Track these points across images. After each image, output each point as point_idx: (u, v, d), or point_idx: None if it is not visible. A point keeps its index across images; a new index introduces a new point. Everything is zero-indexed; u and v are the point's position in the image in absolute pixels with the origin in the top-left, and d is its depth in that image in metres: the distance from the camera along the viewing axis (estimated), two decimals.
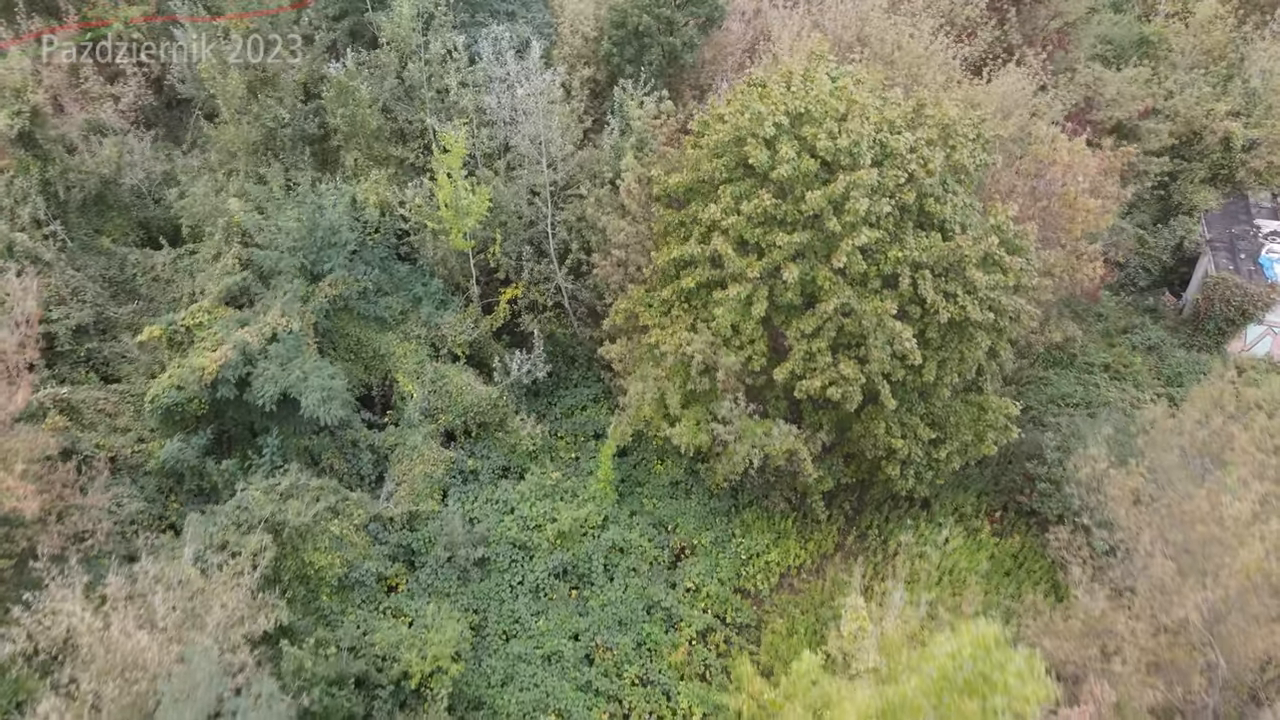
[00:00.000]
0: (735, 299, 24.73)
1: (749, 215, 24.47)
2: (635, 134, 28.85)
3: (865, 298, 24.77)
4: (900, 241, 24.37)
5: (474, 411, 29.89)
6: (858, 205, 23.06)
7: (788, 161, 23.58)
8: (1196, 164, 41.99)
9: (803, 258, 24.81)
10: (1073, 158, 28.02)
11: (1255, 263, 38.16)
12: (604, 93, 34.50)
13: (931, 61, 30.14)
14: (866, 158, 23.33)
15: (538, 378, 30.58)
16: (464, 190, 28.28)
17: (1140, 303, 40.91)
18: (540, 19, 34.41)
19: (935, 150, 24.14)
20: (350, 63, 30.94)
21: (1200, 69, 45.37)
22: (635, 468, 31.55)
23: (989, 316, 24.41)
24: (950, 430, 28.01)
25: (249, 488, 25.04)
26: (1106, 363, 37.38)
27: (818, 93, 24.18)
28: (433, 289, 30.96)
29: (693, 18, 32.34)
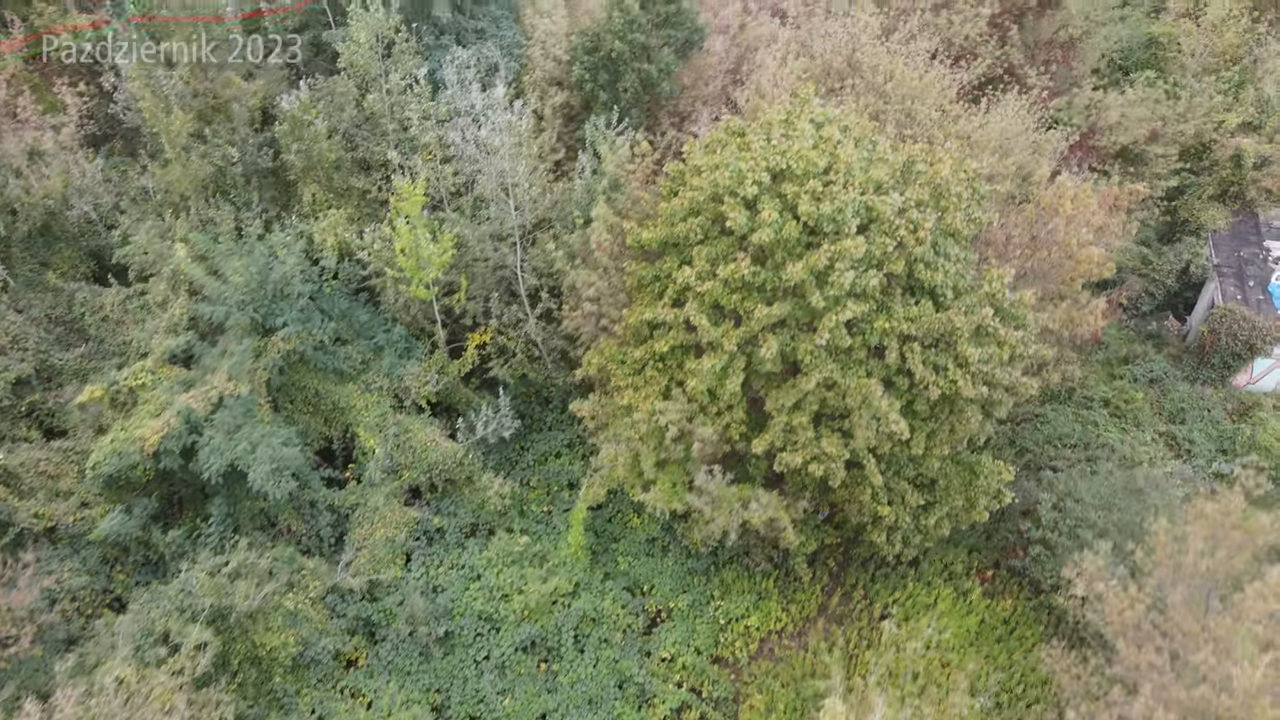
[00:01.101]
0: (709, 370, 23.06)
1: (726, 280, 22.71)
2: (607, 177, 26.90)
3: (850, 369, 23.11)
4: (888, 311, 22.65)
5: (439, 469, 28.36)
6: (842, 279, 21.31)
7: (769, 225, 21.77)
8: (1205, 178, 40.02)
9: (784, 327, 23.10)
10: (1076, 208, 26.15)
11: (1264, 291, 36.41)
12: (579, 117, 32.45)
13: (927, 94, 28.09)
14: (852, 225, 21.51)
15: (503, 437, 28.95)
16: (424, 239, 26.43)
17: (1143, 328, 39.21)
18: (510, 39, 32.23)
19: (926, 212, 22.31)
20: (305, 94, 28.87)
21: (1211, 73, 43.19)
22: (610, 521, 30.12)
23: (982, 391, 22.77)
24: (940, 494, 26.53)
25: (194, 568, 23.61)
26: (1107, 398, 35.83)
27: (799, 147, 22.26)
28: (395, 337, 29.24)
29: (670, 41, 30.19)
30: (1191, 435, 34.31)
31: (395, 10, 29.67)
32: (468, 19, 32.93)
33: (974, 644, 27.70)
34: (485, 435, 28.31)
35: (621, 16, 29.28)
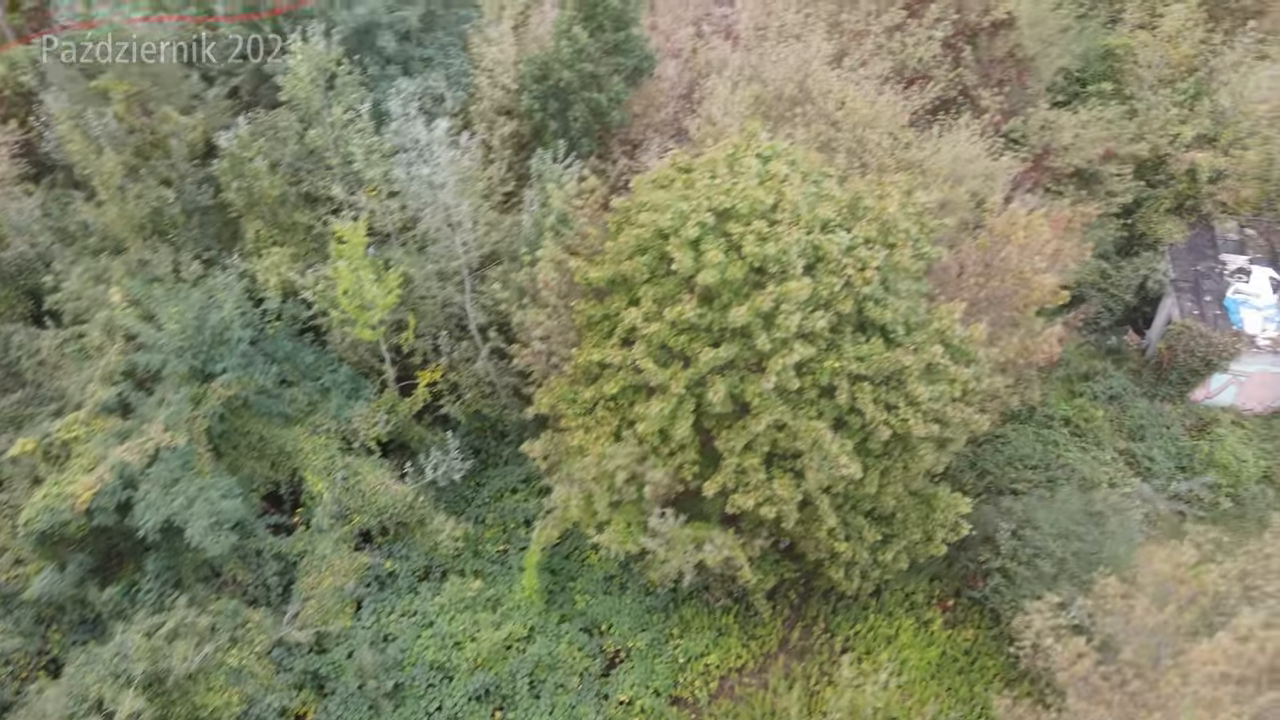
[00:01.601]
0: (658, 414, 22.59)
1: (673, 322, 22.26)
2: (555, 212, 26.36)
3: (802, 409, 22.72)
4: (838, 350, 22.28)
5: (389, 512, 27.71)
6: (789, 321, 20.90)
7: (714, 266, 21.32)
8: (1162, 191, 40.07)
9: (733, 368, 22.67)
10: (1028, 235, 25.92)
11: (1221, 305, 36.46)
12: (530, 145, 31.86)
13: (878, 121, 27.76)
14: (798, 265, 21.11)
15: (453, 480, 28.34)
16: (368, 281, 25.78)
17: (1103, 343, 39.16)
18: (457, 67, 31.59)
19: (874, 250, 21.96)
20: (244, 131, 28.11)
21: (1168, 85, 43.27)
22: (568, 559, 29.61)
23: (934, 429, 22.46)
24: (898, 528, 26.25)
25: (130, 629, 22.84)
26: (1067, 416, 35.72)
27: (743, 186, 21.83)
28: (342, 377, 28.55)
29: (619, 69, 29.69)
30: (1151, 453, 34.28)
31: (338, 42, 28.99)
32: (415, 47, 32.26)
33: (935, 676, 27.45)
34: (435, 479, 27.62)
35: (569, 45, 28.76)
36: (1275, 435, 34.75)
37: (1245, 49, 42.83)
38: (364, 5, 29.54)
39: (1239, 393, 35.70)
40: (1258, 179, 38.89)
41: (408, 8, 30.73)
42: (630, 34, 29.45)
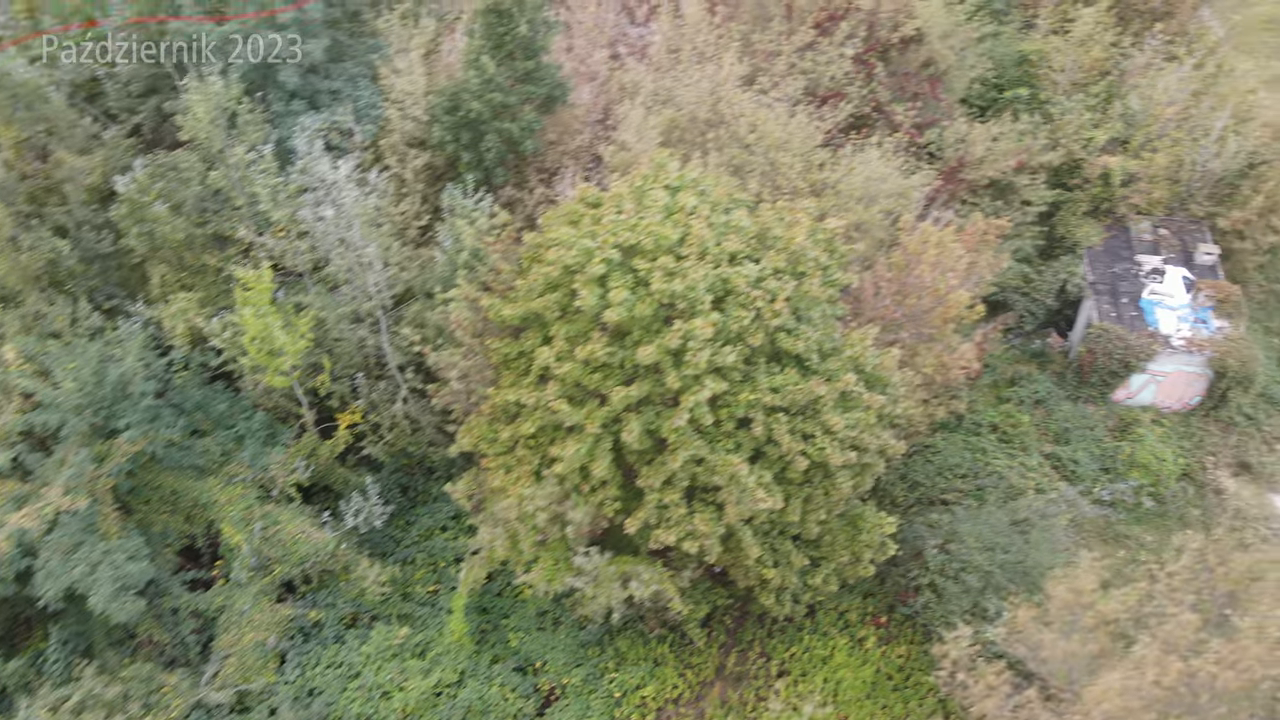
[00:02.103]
0: (574, 455, 22.30)
1: (585, 361, 21.98)
2: (467, 249, 25.92)
3: (719, 442, 22.59)
4: (753, 382, 22.19)
5: (312, 561, 27.01)
6: (698, 357, 20.75)
7: (620, 304, 21.09)
8: (1079, 194, 40.83)
9: (649, 404, 22.46)
10: (940, 252, 26.14)
11: (1137, 306, 37.24)
12: (446, 175, 31.34)
13: (791, 143, 27.79)
14: (705, 300, 20.97)
15: (375, 526, 27.72)
16: (277, 327, 25.07)
17: (1028, 347, 39.78)
18: (366, 99, 30.96)
19: (784, 281, 21.91)
20: (141, 174, 27.20)
21: (1081, 89, 44.14)
22: (500, 595, 29.16)
23: (851, 456, 22.48)
24: (826, 550, 26.28)
25: (33, 704, 21.89)
26: (995, 422, 36.16)
27: (648, 222, 21.65)
28: (257, 424, 27.77)
29: (531, 98, 29.32)
30: (1076, 456, 34.84)
31: (238, 79, 28.22)
32: (322, 80, 31.57)
33: (870, 696, 27.54)
34: (357, 525, 27.00)
35: (478, 76, 28.31)
36: (1193, 432, 35.57)
37: (1154, 51, 43.96)
38: (264, 40, 28.80)
39: (1158, 391, 36.48)
40: (1168, 180, 39.82)
41: (311, 41, 30.03)
42: (540, 63, 29.09)
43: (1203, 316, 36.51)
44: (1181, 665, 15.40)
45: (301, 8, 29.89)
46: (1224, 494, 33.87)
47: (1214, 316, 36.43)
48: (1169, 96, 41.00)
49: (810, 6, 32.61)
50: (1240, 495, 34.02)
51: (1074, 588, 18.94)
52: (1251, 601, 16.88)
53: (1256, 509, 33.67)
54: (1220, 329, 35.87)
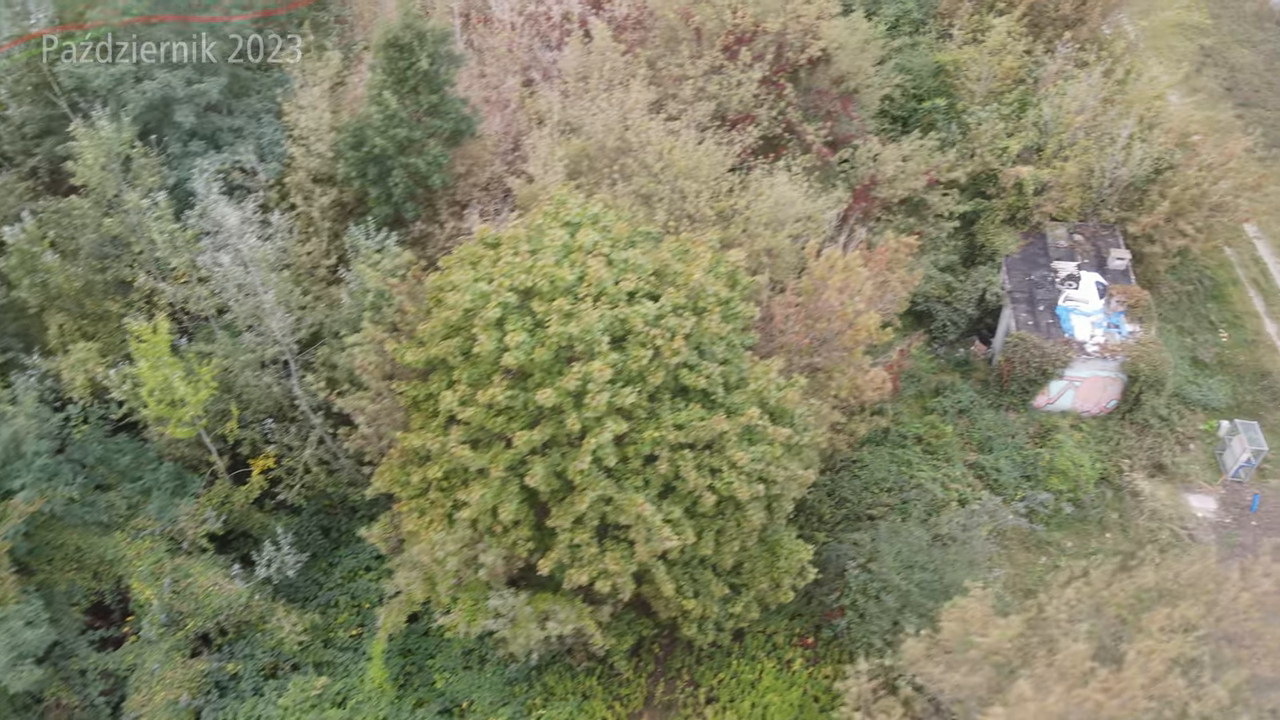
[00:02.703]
0: (480, 500, 22.07)
1: (488, 404, 21.76)
2: (372, 291, 25.54)
3: (628, 480, 22.51)
4: (657, 419, 22.14)
5: (226, 613, 26.42)
6: (597, 400, 20.65)
7: (518, 348, 20.93)
8: (997, 203, 41.51)
9: (555, 445, 22.30)
10: (846, 277, 26.35)
11: (1054, 314, 37.94)
12: (356, 211, 30.87)
13: (698, 171, 27.83)
14: (603, 342, 20.88)
15: (287, 575, 27.21)
16: (177, 378, 24.47)
17: (952, 356, 40.35)
18: (270, 136, 30.39)
19: (683, 317, 21.90)
20: (30, 223, 26.39)
21: (996, 98, 44.89)
22: (426, 636, 28.78)
23: (759, 489, 22.55)
24: (746, 578, 26.36)
25: None
26: (920, 434, 36.60)
27: (544, 264, 21.51)
28: (164, 476, 27.11)
29: (437, 132, 28.99)
30: (998, 464, 35.38)
31: (130, 121, 27.51)
32: (224, 117, 30.95)
33: (798, 719, 27.66)
34: (270, 574, 26.48)
35: (380, 112, 27.92)
36: (1110, 436, 36.32)
37: (1064, 58, 44.89)
38: (158, 80, 28.14)
39: (1076, 397, 37.22)
40: (1080, 187, 40.67)
41: (209, 79, 29.44)
42: (444, 97, 28.77)
43: (1116, 321, 37.33)
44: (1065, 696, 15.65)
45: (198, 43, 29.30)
46: (1140, 496, 34.65)
47: (1126, 321, 37.26)
48: (1078, 104, 41.93)
49: (718, 30, 32.69)
50: (1156, 496, 34.83)
51: (962, 617, 19.15)
52: (1140, 630, 17.18)
53: (1171, 509, 34.47)
54: (1132, 333, 36.70)
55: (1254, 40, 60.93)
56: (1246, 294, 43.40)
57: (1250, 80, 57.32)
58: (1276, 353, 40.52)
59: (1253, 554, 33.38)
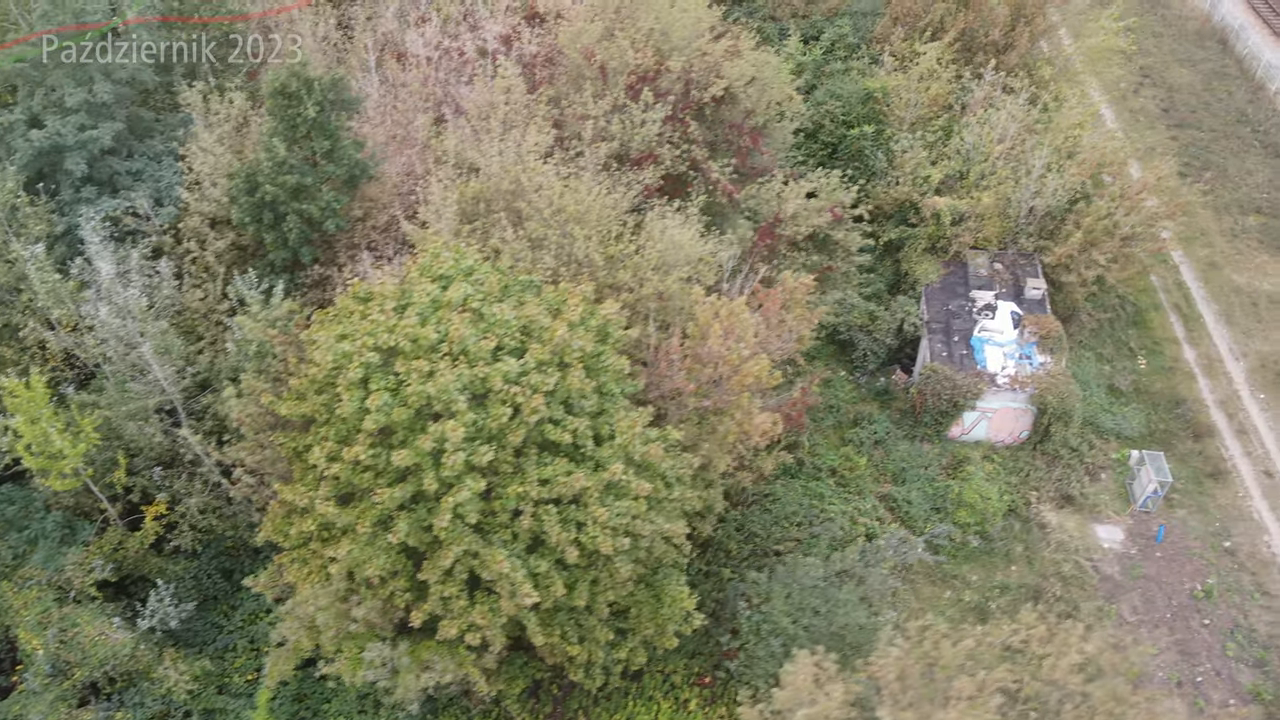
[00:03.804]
0: (347, 556, 22.17)
1: (351, 462, 21.86)
2: (254, 342, 25.61)
3: (496, 533, 22.65)
4: (523, 474, 22.28)
5: (113, 662, 26.43)
6: (454, 459, 20.78)
7: (379, 410, 21.04)
8: (920, 231, 41.78)
9: (423, 500, 22.40)
10: (730, 323, 26.53)
11: (968, 345, 38.22)
12: (254, 255, 30.93)
13: (587, 216, 27.96)
14: (460, 402, 21.00)
15: (171, 626, 27.23)
16: (55, 432, 24.49)
17: (873, 385, 40.59)
18: (168, 179, 30.43)
19: (547, 373, 22.04)
20: None
21: (924, 125, 45.18)
22: (322, 680, 28.78)
23: (624, 543, 22.69)
24: (633, 622, 26.49)
25: None
26: (834, 466, 36.82)
27: (407, 323, 21.64)
28: (50, 525, 27.13)
29: (331, 178, 29.07)
30: (910, 496, 35.63)
31: (17, 170, 27.54)
32: (124, 160, 30.97)
33: None
34: (154, 624, 26.52)
35: (269, 159, 27.99)
36: (1020, 467, 36.62)
37: (992, 84, 45.23)
38: (47, 128, 28.14)
39: (990, 427, 37.51)
40: (999, 216, 40.95)
41: (104, 124, 29.46)
42: (337, 143, 28.83)
43: (1028, 352, 37.63)
44: None
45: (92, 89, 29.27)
46: (1047, 528, 34.94)
47: (1038, 352, 37.57)
48: (999, 132, 42.25)
49: (622, 68, 32.83)
50: (1064, 528, 35.14)
51: (794, 684, 19.33)
52: (949, 698, 17.38)
53: (1078, 540, 34.80)
54: (1043, 364, 37.01)
55: (1194, 59, 61.48)
56: (1168, 320, 43.80)
57: (1187, 100, 57.84)
58: (1193, 379, 40.91)
59: (1156, 585, 33.89)
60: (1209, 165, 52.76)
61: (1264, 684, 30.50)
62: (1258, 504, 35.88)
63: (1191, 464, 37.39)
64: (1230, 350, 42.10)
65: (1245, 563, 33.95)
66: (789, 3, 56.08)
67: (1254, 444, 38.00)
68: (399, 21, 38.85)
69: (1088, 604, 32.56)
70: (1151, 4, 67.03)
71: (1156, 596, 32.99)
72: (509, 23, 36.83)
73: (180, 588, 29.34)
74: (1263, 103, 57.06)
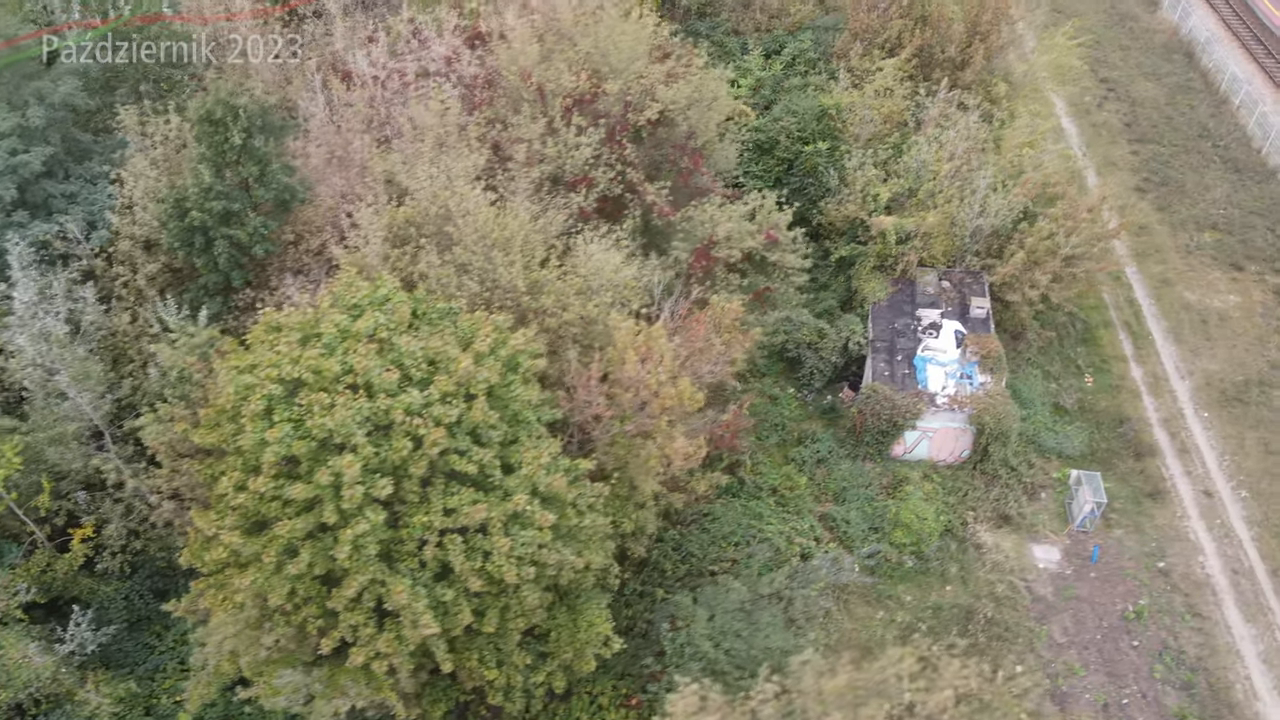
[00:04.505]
0: (251, 585, 22.40)
1: (256, 493, 22.08)
2: (176, 369, 25.84)
3: (404, 561, 22.87)
4: (428, 505, 22.49)
5: (35, 685, 26.66)
6: (352, 492, 21.00)
7: (279, 441, 21.27)
8: (871, 248, 41.94)
9: (329, 530, 22.61)
10: (648, 348, 26.74)
11: (910, 364, 38.39)
12: (188, 278, 31.10)
13: (512, 243, 28.16)
14: (359, 436, 21.22)
15: (89, 651, 27.46)
16: None
17: (819, 403, 40.76)
18: (102, 203, 30.64)
19: (452, 405, 22.25)
20: None
21: (880, 142, 45.33)
22: (249, 702, 28.98)
23: (529, 572, 22.91)
24: (553, 646, 26.70)
25: None
26: (775, 485, 36.99)
27: (310, 355, 21.86)
28: None
29: (261, 203, 29.28)
30: (849, 516, 35.78)
31: None
32: (59, 183, 31.19)
33: None
34: (74, 648, 26.74)
35: (195, 184, 28.21)
36: (960, 486, 36.78)
37: (944, 102, 45.40)
38: None
39: (931, 446, 37.69)
40: (946, 235, 41.13)
41: (35, 148, 29.68)
42: (267, 169, 29.03)
43: (969, 372, 37.81)
44: None
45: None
46: (983, 548, 35.12)
47: (979, 372, 37.75)
48: (948, 151, 42.43)
49: (559, 91, 33.04)
50: (1000, 548, 35.32)
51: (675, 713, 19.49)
52: None
53: (1014, 560, 34.98)
54: (983, 384, 37.18)
55: (1159, 73, 61.63)
56: (1117, 337, 43.98)
57: (1150, 115, 57.99)
58: (1138, 398, 41.09)
59: (1089, 605, 34.03)
60: (1167, 180, 52.99)
61: (1189, 707, 30.68)
62: (1194, 524, 36.06)
63: (1132, 483, 37.58)
64: (1176, 368, 42.28)
65: (1178, 584, 34.12)
66: (752, 17, 56.26)
67: (1194, 463, 38.18)
68: (348, 40, 39.06)
69: (1019, 624, 32.73)
70: (1120, 17, 67.27)
71: (1088, 617, 33.16)
72: (452, 44, 37.04)
73: (112, 609, 29.59)
74: (1225, 117, 57.20)
